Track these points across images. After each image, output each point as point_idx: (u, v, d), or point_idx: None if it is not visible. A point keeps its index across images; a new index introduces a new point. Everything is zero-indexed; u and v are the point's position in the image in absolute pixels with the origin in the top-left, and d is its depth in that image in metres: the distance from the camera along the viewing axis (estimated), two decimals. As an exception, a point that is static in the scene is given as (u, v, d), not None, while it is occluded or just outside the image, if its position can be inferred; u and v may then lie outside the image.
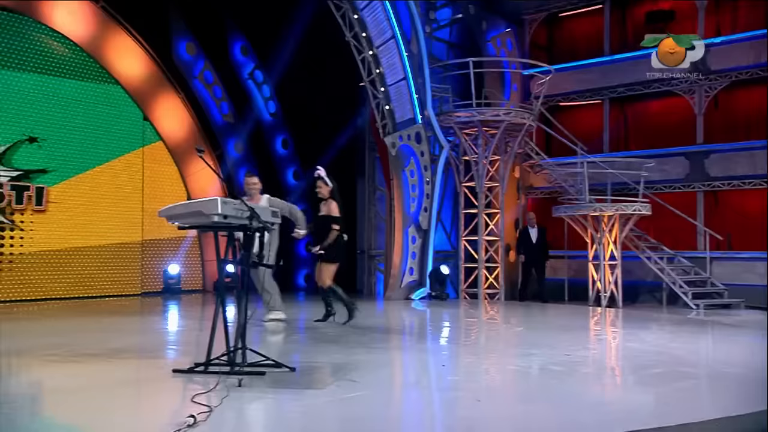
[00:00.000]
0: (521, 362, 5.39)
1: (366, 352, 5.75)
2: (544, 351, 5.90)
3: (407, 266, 11.56)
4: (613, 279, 11.73)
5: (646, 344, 6.53)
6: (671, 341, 6.72)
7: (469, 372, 5.21)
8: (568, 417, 3.62)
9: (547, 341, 6.54)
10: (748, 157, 12.29)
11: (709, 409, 3.68)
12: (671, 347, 6.27)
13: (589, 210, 11.59)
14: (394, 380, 4.68)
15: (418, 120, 11.77)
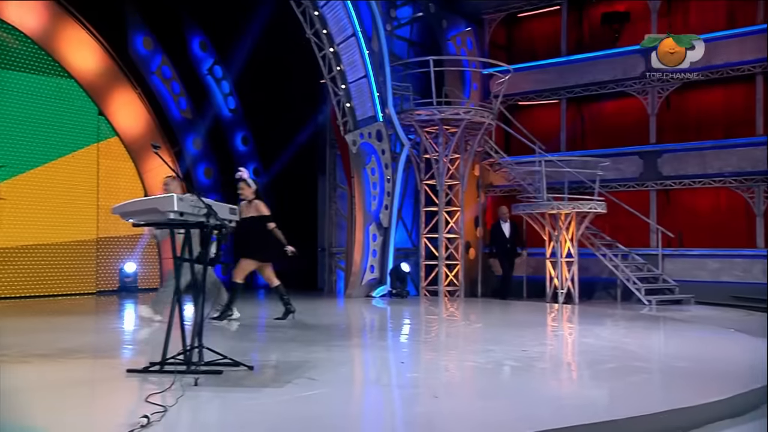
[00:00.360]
0: (480, 358, 5.43)
1: (325, 350, 5.73)
2: (502, 347, 5.94)
3: (368, 264, 11.55)
4: (569, 276, 11.92)
5: (601, 339, 6.64)
6: (625, 336, 6.86)
7: (428, 369, 5.23)
8: (526, 411, 3.66)
9: (505, 337, 6.58)
10: (698, 157, 12.63)
11: (659, 402, 3.77)
12: (625, 342, 6.40)
13: (547, 208, 11.75)
14: (354, 378, 4.67)
15: (379, 118, 11.77)
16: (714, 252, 12.39)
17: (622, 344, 6.25)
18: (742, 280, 11.99)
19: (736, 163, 12.28)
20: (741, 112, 12.53)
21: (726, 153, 12.36)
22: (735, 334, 6.91)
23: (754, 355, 5.53)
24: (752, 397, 4.01)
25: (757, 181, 12.09)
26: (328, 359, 5.31)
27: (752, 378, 4.36)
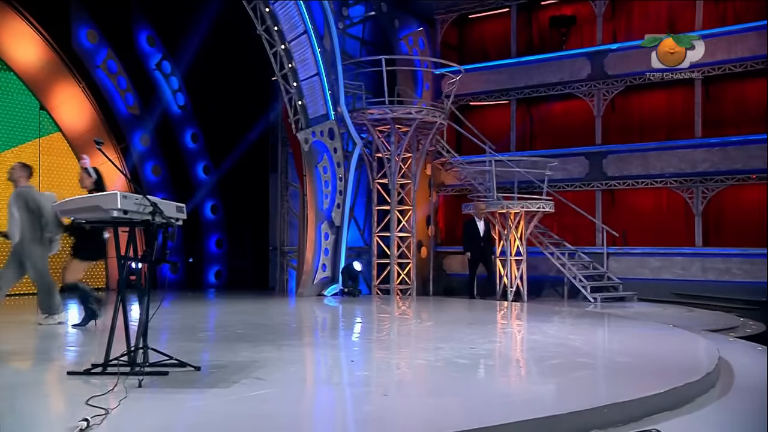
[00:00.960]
0: (430, 356, 5.45)
1: (275, 350, 5.66)
2: (451, 345, 5.94)
3: (320, 263, 11.48)
4: (518, 274, 12.12)
5: (548, 336, 6.74)
6: (570, 333, 6.99)
7: (379, 367, 5.23)
8: (474, 408, 3.70)
9: (455, 335, 6.60)
10: (641, 159, 12.98)
11: (601, 397, 3.86)
12: (570, 339, 6.52)
13: (497, 207, 11.89)
14: (303, 377, 4.62)
15: (331, 116, 11.70)
16: (655, 250, 12.78)
17: (568, 341, 6.36)
18: (681, 277, 12.40)
19: (676, 165, 12.68)
20: (681, 116, 12.94)
21: (667, 154, 12.75)
22: (674, 330, 7.13)
23: (692, 350, 5.71)
24: (688, 390, 4.14)
25: (696, 182, 12.51)
26: (278, 358, 5.25)
27: (689, 372, 4.50)
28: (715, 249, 12.26)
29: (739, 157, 12.12)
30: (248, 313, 9.11)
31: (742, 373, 5.11)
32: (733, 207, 12.49)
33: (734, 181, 12.23)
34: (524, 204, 11.80)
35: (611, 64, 13.24)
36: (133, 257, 4.72)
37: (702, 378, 4.37)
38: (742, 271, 11.93)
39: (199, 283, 14.00)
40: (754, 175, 12.02)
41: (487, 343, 6.06)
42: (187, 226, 13.55)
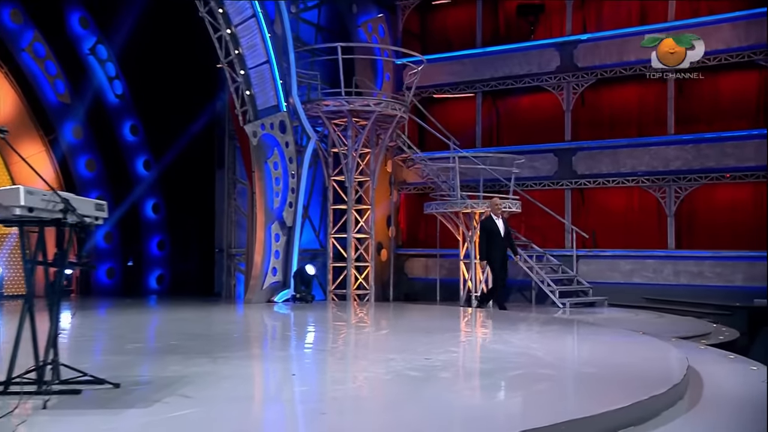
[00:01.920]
0: (380, 369, 5.29)
1: (210, 363, 5.41)
2: (405, 356, 5.82)
3: (270, 266, 11.22)
4: (483, 278, 12.02)
5: (510, 345, 6.65)
6: (535, 342, 6.92)
7: (321, 381, 5.04)
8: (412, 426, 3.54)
9: (411, 345, 6.50)
10: (611, 156, 13.08)
11: (561, 412, 3.75)
12: (533, 348, 6.44)
13: (461, 207, 11.81)
14: (236, 394, 4.40)
15: (282, 108, 11.46)
16: (627, 253, 12.87)
17: (531, 350, 6.28)
18: (653, 281, 12.53)
19: (648, 162, 12.79)
20: (653, 111, 13.08)
21: (639, 152, 12.87)
22: (644, 338, 7.11)
23: (660, 360, 5.66)
24: (654, 403, 4.06)
25: (669, 180, 12.64)
26: (212, 373, 5.01)
27: (656, 383, 4.43)
28: (687, 251, 12.41)
29: (713, 155, 12.27)
30: (188, 321, 8.82)
31: (712, 384, 5.07)
32: (706, 207, 12.65)
33: (707, 180, 12.38)
34: (489, 203, 11.67)
35: (581, 55, 13.30)
36: (42, 261, 4.42)
37: (668, 390, 4.30)
38: (715, 274, 12.09)
39: (139, 289, 13.60)
40: (727, 174, 12.19)
41: (444, 354, 5.93)
42: (126, 226, 13.34)
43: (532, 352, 6.21)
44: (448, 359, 5.65)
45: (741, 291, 11.64)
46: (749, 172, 12.04)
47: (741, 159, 12.03)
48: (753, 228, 12.01)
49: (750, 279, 11.77)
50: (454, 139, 13.13)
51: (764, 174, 11.82)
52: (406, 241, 15.01)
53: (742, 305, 10.93)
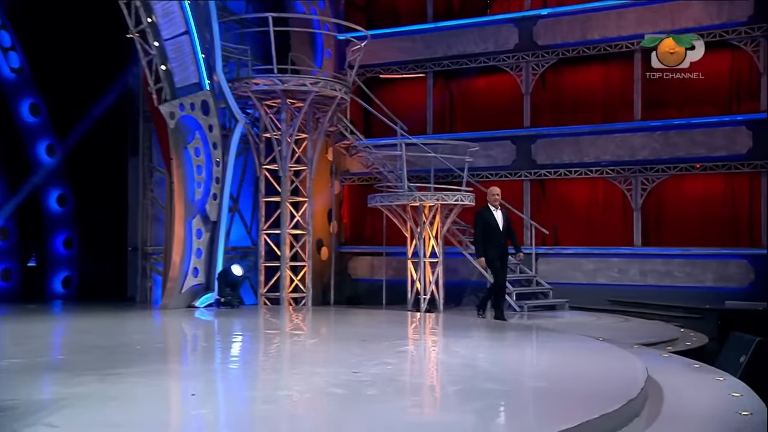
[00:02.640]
0: (297, 385, 4.99)
1: (97, 382, 5.01)
2: (331, 369, 5.59)
3: (190, 266, 10.78)
4: (433, 279, 11.89)
5: (454, 356, 6.47)
6: (484, 351, 6.75)
7: (226, 402, 4.72)
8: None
9: (342, 356, 6.29)
10: (573, 144, 13.08)
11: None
12: (480, 359, 6.26)
13: (408, 200, 11.60)
14: (115, 420, 4.02)
15: (204, 86, 11.01)
16: (590, 251, 12.91)
17: (477, 361, 6.09)
18: (618, 281, 12.59)
19: (613, 151, 12.84)
20: (619, 94, 13.13)
21: (603, 140, 12.90)
22: (603, 346, 6.99)
23: (618, 371, 5.53)
24: (604, 423, 3.87)
25: (635, 171, 12.66)
26: (95, 394, 4.62)
27: (610, 399, 4.25)
28: (654, 249, 12.50)
29: (682, 143, 12.36)
30: (88, 331, 8.35)
31: (673, 399, 4.94)
32: (674, 200, 12.77)
33: (676, 171, 12.46)
34: (440, 196, 11.55)
35: (541, 32, 13.25)
36: None
37: (622, 407, 4.12)
38: (684, 274, 12.21)
39: (42, 293, 12.94)
40: (698, 164, 12.28)
41: (377, 366, 5.68)
42: (26, 221, 12.66)
43: (477, 363, 6.03)
44: (379, 373, 5.38)
45: (712, 292, 11.80)
46: (720, 162, 12.15)
47: (712, 148, 12.15)
48: (725, 223, 12.28)
49: (722, 279, 11.95)
50: (401, 124, 12.93)
51: (738, 164, 11.98)
52: (350, 237, 14.83)
53: (712, 307, 11.03)
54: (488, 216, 9.73)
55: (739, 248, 11.91)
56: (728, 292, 11.60)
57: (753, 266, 11.67)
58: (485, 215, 9.76)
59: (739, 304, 11.17)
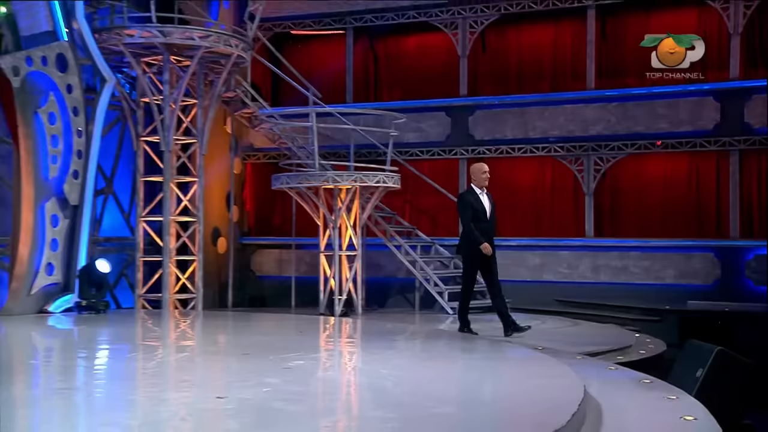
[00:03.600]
0: (136, 417, 4.43)
1: None
2: (189, 393, 5.13)
3: (42, 262, 9.89)
4: (351, 276, 11.67)
5: (352, 374, 6.10)
6: (392, 367, 6.31)
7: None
8: None
9: (212, 376, 5.87)
10: (517, 116, 12.93)
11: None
12: (383, 376, 5.81)
13: (319, 180, 11.22)
14: None
15: (61, 35, 10.09)
16: (536, 242, 12.85)
17: (378, 380, 5.63)
18: (567, 278, 12.57)
19: (563, 126, 12.73)
20: (571, 59, 13.08)
21: (551, 112, 12.79)
22: (537, 358, 6.65)
23: (550, 391, 5.10)
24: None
25: (587, 149, 12.55)
26: None
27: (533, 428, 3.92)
28: (609, 240, 12.50)
29: (641, 117, 12.32)
30: None
31: (613, 425, 4.56)
32: (632, 184, 12.76)
33: (634, 149, 12.41)
34: (358, 176, 11.22)
35: (480, -17, 13.07)
36: None
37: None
38: (642, 269, 12.22)
39: None
40: (659, 141, 12.24)
41: (250, 389, 5.18)
42: None
43: (378, 383, 5.54)
44: (249, 398, 4.84)
45: (673, 290, 11.86)
46: (685, 139, 12.12)
47: (675, 122, 12.13)
48: (689, 211, 12.32)
49: (684, 275, 11.98)
50: (314, 90, 12.57)
51: (704, 141, 12.00)
52: (255, 226, 14.51)
53: (673, 309, 11.04)
54: (474, 199, 8.82)
55: (704, 239, 11.96)
56: (691, 290, 11.66)
57: (719, 260, 11.76)
58: (470, 198, 8.86)
59: (703, 304, 11.22)
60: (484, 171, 8.94)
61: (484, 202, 8.83)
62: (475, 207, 8.77)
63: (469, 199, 8.86)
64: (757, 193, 11.92)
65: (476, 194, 8.87)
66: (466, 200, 8.87)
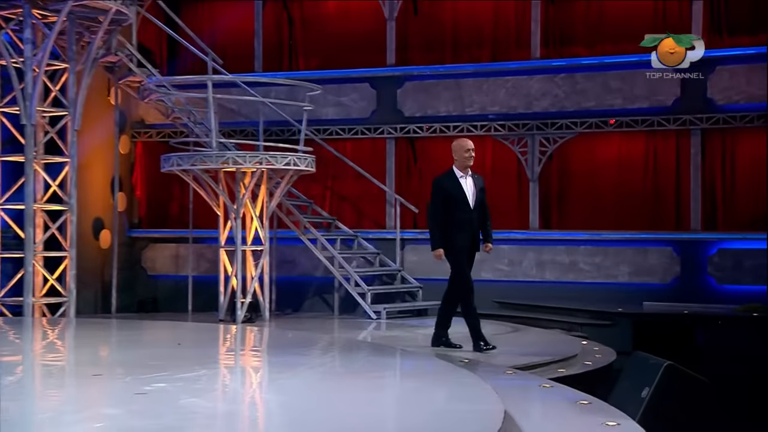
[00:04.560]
0: None
1: None
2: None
3: None
4: (257, 274, 11.34)
5: (223, 400, 5.60)
6: (276, 390, 5.85)
7: None
8: None
9: (37, 405, 5.28)
10: (453, 89, 12.88)
11: None
12: (262, 402, 5.43)
13: (217, 162, 10.81)
14: None
15: None
16: None
17: (256, 406, 5.27)
18: (508, 277, 12.51)
19: (504, 101, 12.69)
20: (514, 26, 13.07)
21: (491, 84, 12.72)
22: (457, 374, 6.20)
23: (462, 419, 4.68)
24: None
25: (531, 127, 12.47)
26: None
27: None
28: (556, 233, 12.47)
29: (592, 91, 12.26)
30: None
31: None
32: (582, 168, 12.72)
33: (584, 128, 12.29)
34: (264, 157, 10.81)
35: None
36: None
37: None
38: (592, 266, 12.14)
39: None
40: (612, 119, 12.16)
41: (77, 425, 4.56)
42: None
43: (254, 411, 5.14)
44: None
45: (628, 290, 11.80)
46: (641, 117, 12.02)
47: (630, 97, 12.06)
48: (645, 199, 12.30)
49: (640, 273, 11.90)
50: (214, 55, 12.30)
51: (662, 120, 11.91)
52: (147, 217, 14.06)
53: (626, 312, 10.90)
54: (452, 185, 8.23)
55: (662, 232, 11.91)
56: (647, 289, 11.61)
57: (678, 255, 11.68)
58: (447, 184, 8.25)
59: (660, 306, 11.19)
60: (467, 149, 8.26)
61: (466, 188, 8.22)
62: (452, 194, 8.17)
63: (443, 184, 8.27)
64: (722, 179, 11.85)
65: (455, 178, 8.25)
66: (439, 185, 8.29)
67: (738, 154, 11.84)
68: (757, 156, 11.48)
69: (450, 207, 8.17)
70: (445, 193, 8.19)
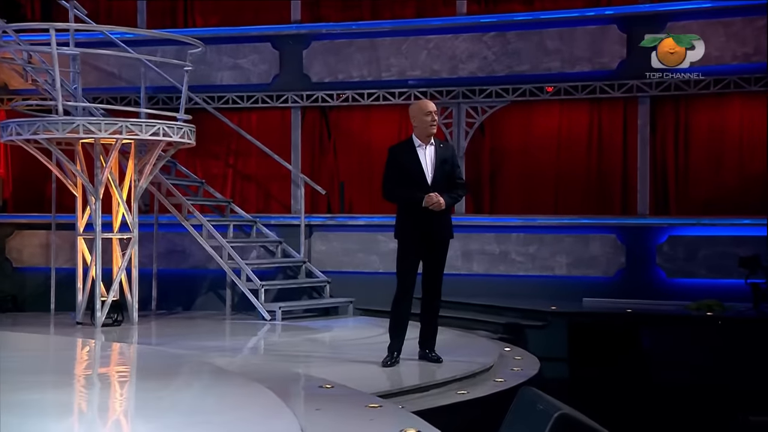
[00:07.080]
0: None
1: None
2: None
3: None
4: (123, 266, 10.26)
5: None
6: None
7: None
8: None
9: None
10: (367, 50, 12.19)
11: None
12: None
13: (63, 130, 9.61)
14: None
15: None
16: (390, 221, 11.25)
17: None
18: None
19: (425, 64, 11.97)
20: None
21: (411, 44, 12.05)
22: (263, 396, 4.99)
23: None
24: None
25: (457, 95, 11.76)
26: None
27: None
28: (485, 218, 11.77)
29: (526, 52, 11.45)
30: None
31: None
32: (515, 143, 12.03)
33: (517, 95, 11.43)
34: (123, 125, 9.59)
35: None
36: None
37: None
38: (526, 257, 11.39)
39: None
40: (549, 87, 11.34)
41: None
42: None
43: None
44: None
45: (566, 284, 11.14)
46: (581, 83, 11.19)
47: (570, 60, 11.19)
48: (589, 178, 11.73)
49: (580, 264, 11.18)
50: (75, 2, 11.29)
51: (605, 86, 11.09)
52: (12, 199, 13.05)
53: (561, 310, 10.06)
54: (408, 157, 7.18)
55: (605, 216, 11.11)
56: (588, 283, 10.85)
57: (624, 244, 10.86)
58: (401, 156, 7.22)
59: (601, 303, 10.38)
60: (427, 111, 7.15)
61: (424, 160, 7.12)
62: (407, 167, 7.08)
63: (396, 155, 7.23)
64: (674, 156, 11.08)
65: (412, 148, 7.17)
66: (392, 157, 7.27)
67: (692, 126, 11.15)
68: (716, 128, 10.87)
69: (405, 183, 7.11)
70: (399, 168, 7.17)
